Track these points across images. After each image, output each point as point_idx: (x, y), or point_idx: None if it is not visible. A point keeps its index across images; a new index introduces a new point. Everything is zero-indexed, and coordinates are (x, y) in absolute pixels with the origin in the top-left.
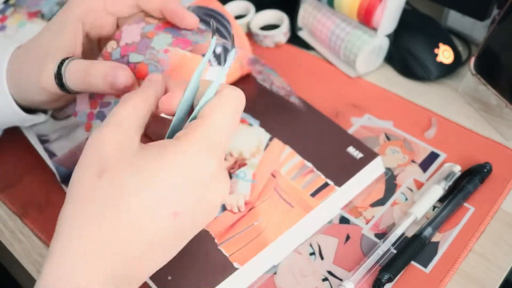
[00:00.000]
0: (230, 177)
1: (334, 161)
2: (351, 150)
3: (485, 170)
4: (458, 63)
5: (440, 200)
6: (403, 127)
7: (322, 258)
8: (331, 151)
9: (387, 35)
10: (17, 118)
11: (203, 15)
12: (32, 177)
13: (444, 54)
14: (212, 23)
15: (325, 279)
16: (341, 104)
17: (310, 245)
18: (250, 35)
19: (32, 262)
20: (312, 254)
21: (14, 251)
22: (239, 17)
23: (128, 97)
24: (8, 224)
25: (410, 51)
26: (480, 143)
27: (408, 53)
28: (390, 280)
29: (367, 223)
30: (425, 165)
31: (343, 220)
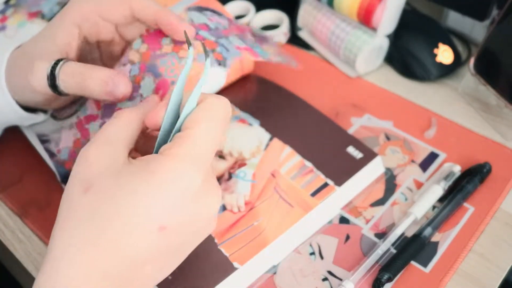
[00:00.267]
0: (230, 177)
1: (334, 161)
2: (351, 150)
3: (484, 170)
4: (457, 63)
5: (440, 200)
6: (403, 127)
7: (322, 258)
8: (331, 151)
9: (387, 35)
10: (16, 117)
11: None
12: (32, 177)
13: (444, 54)
14: (185, 34)
15: (325, 279)
16: (341, 104)
17: (310, 245)
18: None
19: (32, 261)
20: (312, 254)
21: (15, 251)
22: (239, 17)
23: (120, 113)
24: (8, 224)
25: (410, 51)
26: (480, 143)
27: (408, 53)
28: (390, 280)
29: (367, 223)
30: (425, 165)
31: (343, 220)
